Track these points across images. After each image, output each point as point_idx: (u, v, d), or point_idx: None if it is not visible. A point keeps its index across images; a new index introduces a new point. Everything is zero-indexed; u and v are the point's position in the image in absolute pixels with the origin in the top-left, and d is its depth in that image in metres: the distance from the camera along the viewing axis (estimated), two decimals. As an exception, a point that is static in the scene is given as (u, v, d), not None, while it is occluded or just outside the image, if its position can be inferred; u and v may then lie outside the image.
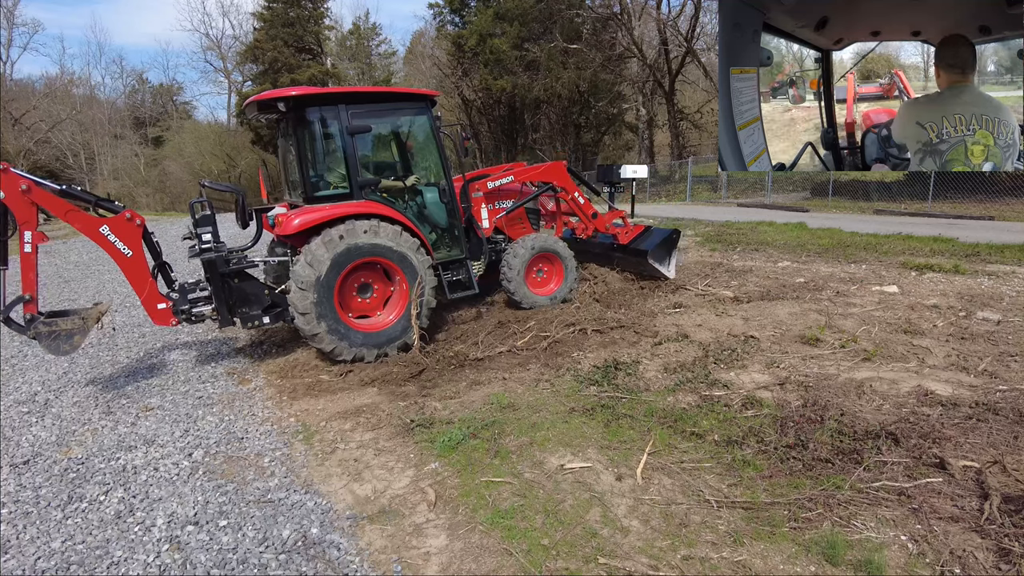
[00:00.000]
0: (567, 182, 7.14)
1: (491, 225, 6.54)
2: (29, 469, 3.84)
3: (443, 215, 6.21)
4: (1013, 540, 2.51)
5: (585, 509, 3.00)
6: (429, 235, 6.02)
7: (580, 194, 7.32)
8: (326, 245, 5.12)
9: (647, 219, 15.03)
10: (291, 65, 35.74)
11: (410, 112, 6.05)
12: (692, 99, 30.79)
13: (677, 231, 7.57)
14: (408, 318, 5.52)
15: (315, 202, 5.42)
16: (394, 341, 5.53)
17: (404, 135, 6.51)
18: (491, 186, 6.52)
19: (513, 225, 7.05)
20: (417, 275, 5.51)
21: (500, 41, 30.87)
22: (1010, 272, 7.10)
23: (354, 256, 5.24)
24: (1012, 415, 3.61)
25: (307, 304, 5.09)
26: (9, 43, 43.77)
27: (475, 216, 6.36)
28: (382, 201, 5.62)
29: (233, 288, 5.42)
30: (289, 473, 3.63)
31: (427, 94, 5.93)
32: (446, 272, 6.13)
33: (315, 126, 5.44)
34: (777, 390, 4.22)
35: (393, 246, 5.40)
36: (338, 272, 5.19)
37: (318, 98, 5.35)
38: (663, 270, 7.40)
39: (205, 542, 2.96)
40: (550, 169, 7.05)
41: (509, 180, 6.69)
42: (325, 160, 5.70)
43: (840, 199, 18.03)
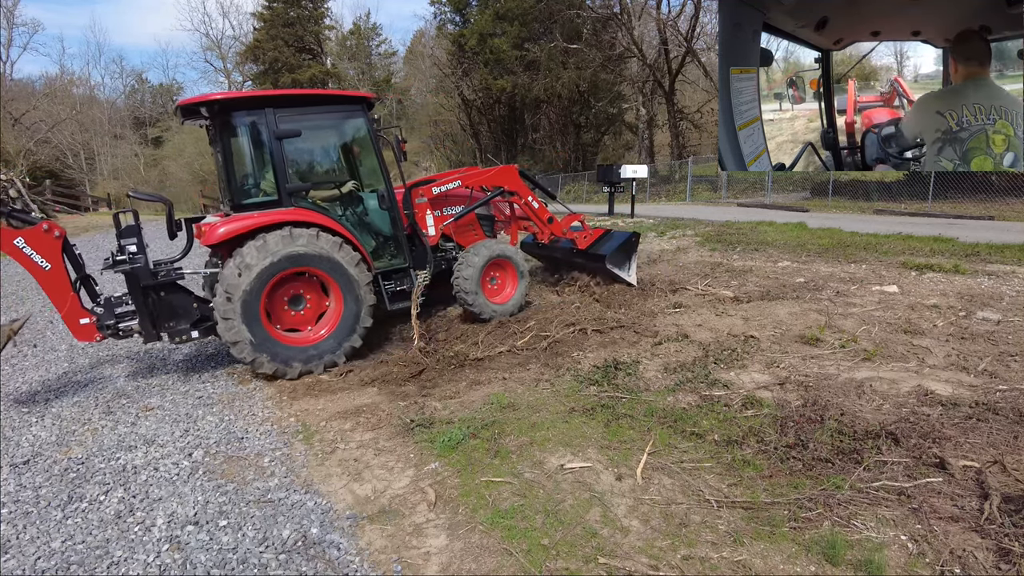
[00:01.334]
0: (519, 186, 6.84)
1: (437, 233, 6.24)
2: (29, 469, 3.84)
3: (384, 222, 5.95)
4: (1013, 540, 2.51)
5: (585, 509, 3.00)
6: (369, 243, 5.79)
7: (534, 198, 7.02)
8: (255, 252, 4.91)
9: (647, 219, 15.05)
10: (291, 65, 35.77)
11: (345, 115, 5.78)
12: (692, 99, 30.79)
13: (636, 234, 7.31)
14: (340, 335, 5.31)
15: (242, 210, 5.23)
16: (322, 357, 5.29)
17: (338, 139, 6.20)
18: (436, 192, 6.22)
19: (464, 232, 6.75)
20: (352, 286, 5.28)
21: (500, 41, 30.90)
22: (1010, 272, 7.10)
23: (284, 265, 5.01)
24: (1012, 415, 3.61)
25: (228, 310, 4.88)
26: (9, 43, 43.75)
27: (420, 223, 6.07)
28: (314, 208, 5.41)
29: (160, 301, 5.18)
30: (289, 473, 3.63)
31: (363, 96, 5.69)
32: (388, 282, 5.90)
33: (241, 131, 5.27)
34: (777, 390, 4.22)
35: (325, 255, 5.16)
36: (265, 280, 4.96)
37: (243, 102, 5.19)
38: (623, 275, 7.16)
39: (205, 542, 2.96)
40: (500, 173, 6.77)
41: (456, 185, 6.40)
42: (253, 166, 5.48)
43: (840, 199, 18.03)
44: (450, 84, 36.75)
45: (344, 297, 5.32)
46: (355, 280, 5.32)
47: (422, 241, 6.07)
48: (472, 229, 6.85)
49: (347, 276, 5.28)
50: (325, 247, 5.16)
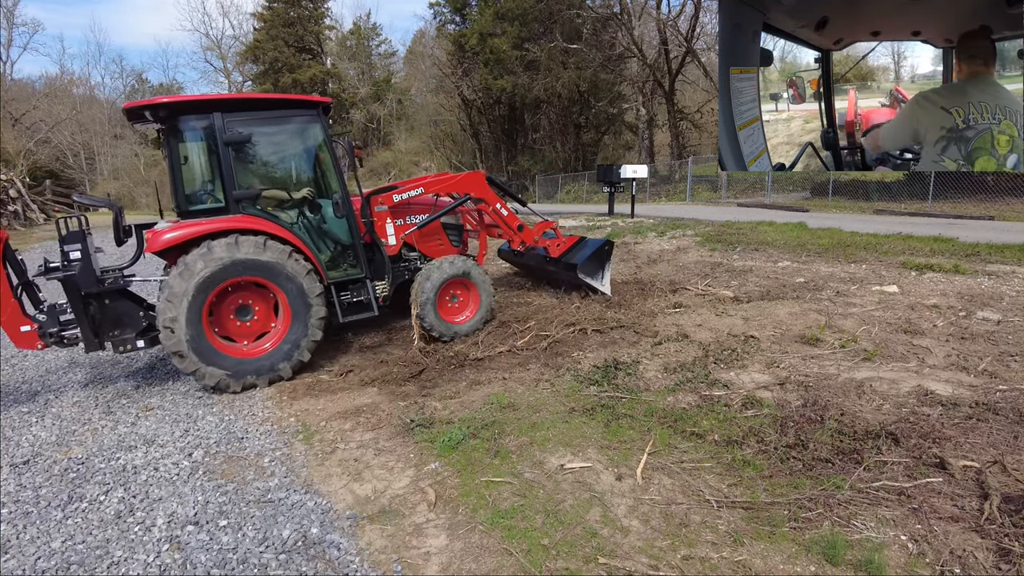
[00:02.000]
0: (486, 193, 6.60)
1: (398, 242, 6.05)
2: (29, 469, 3.84)
3: (339, 231, 5.72)
4: (1013, 540, 2.51)
5: (585, 509, 3.00)
6: (323, 253, 5.60)
7: (503, 205, 6.78)
8: (197, 260, 4.75)
9: (647, 219, 15.05)
10: (291, 65, 35.77)
11: (298, 121, 5.56)
12: (692, 99, 30.80)
13: (610, 242, 7.04)
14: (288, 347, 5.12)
15: (190, 216, 5.07)
16: (267, 370, 5.08)
17: (292, 145, 5.94)
18: (397, 199, 6.01)
19: (428, 241, 6.47)
20: (301, 296, 5.10)
21: (500, 41, 30.90)
22: (1010, 272, 7.10)
23: (227, 274, 4.84)
24: (1012, 415, 3.61)
25: (170, 320, 4.73)
26: (9, 43, 43.81)
27: (379, 232, 5.88)
28: (264, 216, 5.20)
29: (104, 309, 4.97)
30: (289, 473, 3.63)
31: (317, 101, 5.50)
32: (344, 292, 5.67)
33: (188, 136, 5.12)
34: (777, 390, 4.22)
35: (271, 264, 4.96)
36: (208, 289, 4.80)
37: (190, 106, 5.03)
38: (596, 285, 6.90)
39: (205, 542, 2.96)
40: (466, 179, 6.51)
41: (419, 192, 6.17)
42: (201, 172, 5.34)
43: (840, 199, 18.03)
44: (450, 84, 36.75)
45: (292, 308, 5.12)
46: (304, 290, 5.12)
47: (381, 251, 5.86)
48: (437, 238, 6.58)
49: (295, 286, 5.08)
50: (271, 256, 4.96)
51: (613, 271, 8.69)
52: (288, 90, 35.42)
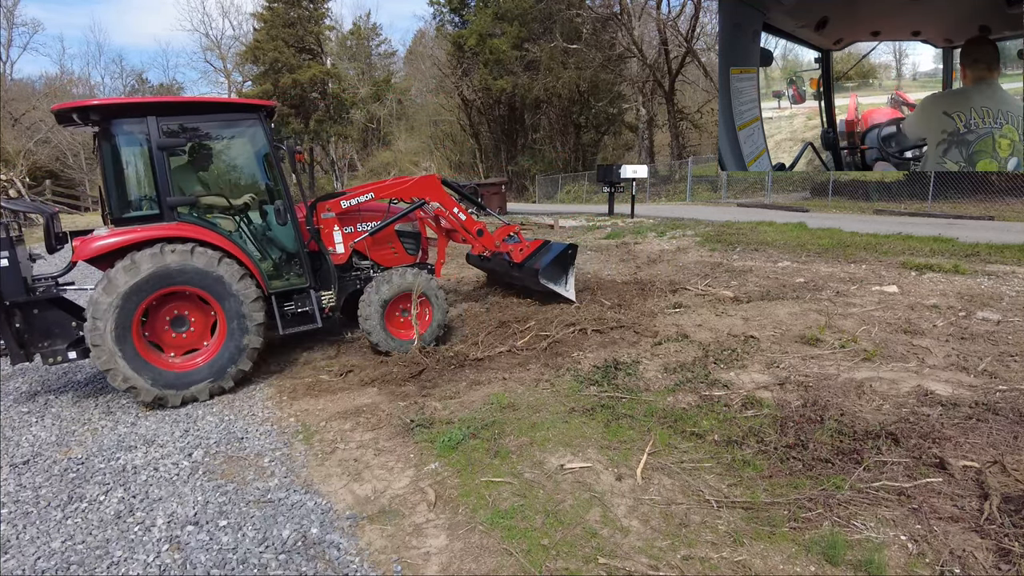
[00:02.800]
0: (442, 197, 6.34)
1: (347, 250, 5.83)
2: (29, 469, 3.84)
3: (282, 239, 5.52)
4: (1013, 540, 2.51)
5: (585, 509, 3.00)
6: (265, 262, 5.38)
7: (460, 209, 6.49)
8: (125, 271, 4.54)
9: (647, 219, 15.06)
10: (292, 65, 35.74)
11: (238, 125, 5.37)
12: (692, 99, 30.82)
13: (573, 246, 6.81)
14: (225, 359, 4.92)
15: (123, 224, 4.85)
16: (204, 382, 4.86)
17: (232, 150, 5.74)
18: (345, 205, 5.78)
19: (381, 249, 6.20)
20: (236, 306, 4.90)
21: (500, 41, 30.91)
22: (1010, 272, 7.10)
23: (156, 284, 4.62)
24: (1012, 415, 3.61)
25: (97, 335, 4.50)
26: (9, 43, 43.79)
27: (325, 240, 5.68)
28: (200, 223, 5.02)
29: (32, 319, 4.75)
30: (289, 473, 3.63)
31: (259, 104, 5.28)
32: (288, 303, 5.46)
33: (120, 140, 4.89)
34: (777, 390, 4.22)
35: (202, 272, 4.76)
36: (137, 300, 4.58)
37: (122, 109, 4.81)
38: (559, 290, 6.67)
39: (205, 542, 2.96)
40: (419, 184, 6.23)
41: (368, 198, 5.92)
42: (134, 178, 5.11)
43: (840, 199, 18.04)
44: (450, 84, 36.76)
45: (228, 318, 4.92)
46: (239, 299, 4.91)
47: (327, 260, 5.65)
48: (391, 246, 6.31)
49: (230, 295, 4.88)
50: (202, 263, 4.76)
51: (614, 271, 8.70)
52: (289, 90, 35.40)
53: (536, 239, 6.99)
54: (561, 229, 14.41)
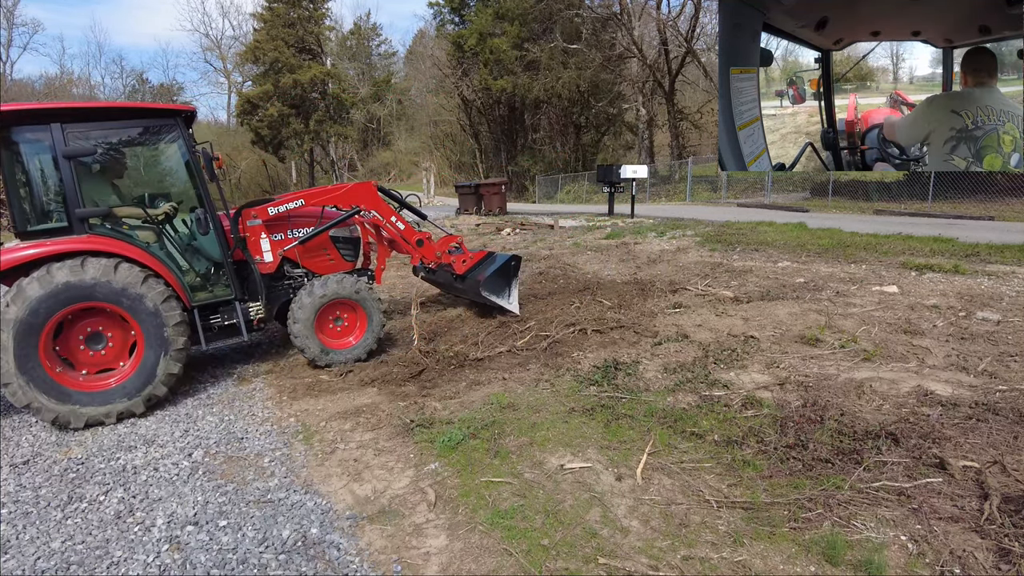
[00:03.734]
0: (378, 205, 6.07)
1: (275, 258, 5.55)
2: (29, 469, 3.84)
3: (204, 249, 5.28)
4: (1013, 540, 2.51)
5: (585, 509, 3.00)
6: (186, 274, 5.11)
7: (398, 218, 6.23)
8: (28, 287, 4.30)
9: (647, 219, 15.06)
10: (292, 66, 35.76)
11: (153, 131, 5.06)
12: (692, 99, 30.82)
13: (517, 257, 6.60)
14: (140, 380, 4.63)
15: (29, 237, 4.60)
16: (115, 404, 4.55)
17: (147, 158, 5.46)
18: (272, 212, 5.52)
19: (314, 257, 5.93)
20: (155, 325, 4.63)
21: (500, 41, 30.93)
22: (1010, 272, 7.10)
23: (64, 301, 4.37)
24: (1012, 415, 3.61)
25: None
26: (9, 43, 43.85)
27: (252, 249, 5.40)
28: (113, 235, 4.74)
29: None
30: (289, 473, 3.63)
31: (176, 109, 5.05)
32: (214, 315, 5.22)
33: (24, 148, 4.63)
34: (777, 390, 4.22)
35: (119, 287, 4.49)
36: (44, 317, 4.32)
37: (24, 115, 4.55)
38: (502, 303, 6.46)
39: (205, 542, 2.96)
40: (354, 190, 5.97)
41: (298, 204, 5.66)
42: (39, 188, 4.82)
43: (840, 199, 18.04)
44: (450, 84, 36.79)
45: (146, 337, 4.64)
46: (158, 317, 4.63)
47: (255, 269, 5.41)
48: (326, 253, 6.04)
49: (148, 313, 4.59)
50: (119, 280, 4.48)
51: (614, 271, 8.70)
52: (289, 90, 35.43)
53: (480, 250, 6.75)
54: (561, 229, 14.41)
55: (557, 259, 10.12)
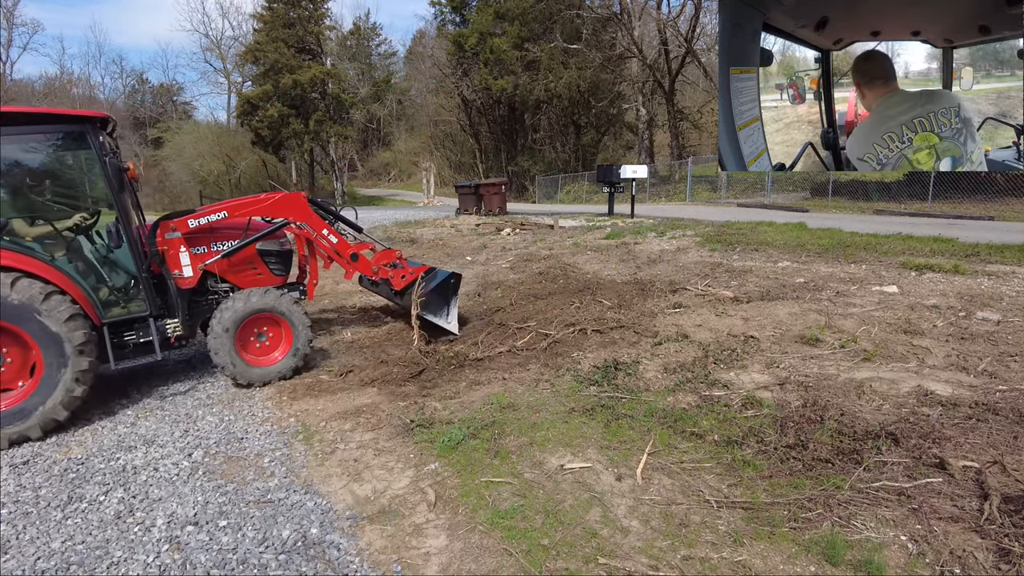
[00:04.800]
0: (308, 217, 5.79)
1: (195, 273, 5.26)
2: (29, 469, 3.84)
3: (117, 263, 4.97)
4: (1013, 540, 2.51)
5: (585, 509, 3.00)
6: (99, 289, 4.82)
7: (331, 231, 5.94)
8: None
9: (647, 219, 15.05)
10: (292, 66, 35.74)
11: (60, 138, 4.79)
12: (692, 99, 30.84)
13: (456, 275, 6.30)
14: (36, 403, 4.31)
15: None
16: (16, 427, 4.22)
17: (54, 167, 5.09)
18: (193, 224, 5.23)
19: (241, 271, 5.64)
20: (56, 345, 4.33)
21: (501, 41, 30.95)
22: (1010, 272, 7.10)
23: None
24: (1012, 415, 3.60)
25: None
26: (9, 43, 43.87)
27: (170, 262, 5.14)
28: (15, 248, 4.42)
29: None
30: (289, 473, 3.63)
31: (86, 116, 4.74)
32: (129, 332, 4.92)
33: None
34: (777, 390, 4.22)
35: (16, 304, 4.19)
36: None
37: None
38: (439, 322, 6.24)
39: (205, 542, 2.96)
40: (282, 202, 5.67)
41: (221, 216, 5.36)
42: None
43: (840, 199, 18.04)
44: (450, 84, 36.80)
45: (46, 357, 4.31)
46: (60, 336, 4.32)
47: (172, 284, 5.16)
48: (253, 267, 5.74)
49: (48, 332, 4.28)
50: (16, 296, 4.19)
51: (614, 271, 8.70)
52: (289, 91, 35.39)
53: (421, 265, 6.46)
54: (561, 229, 14.41)
55: (557, 259, 10.11)
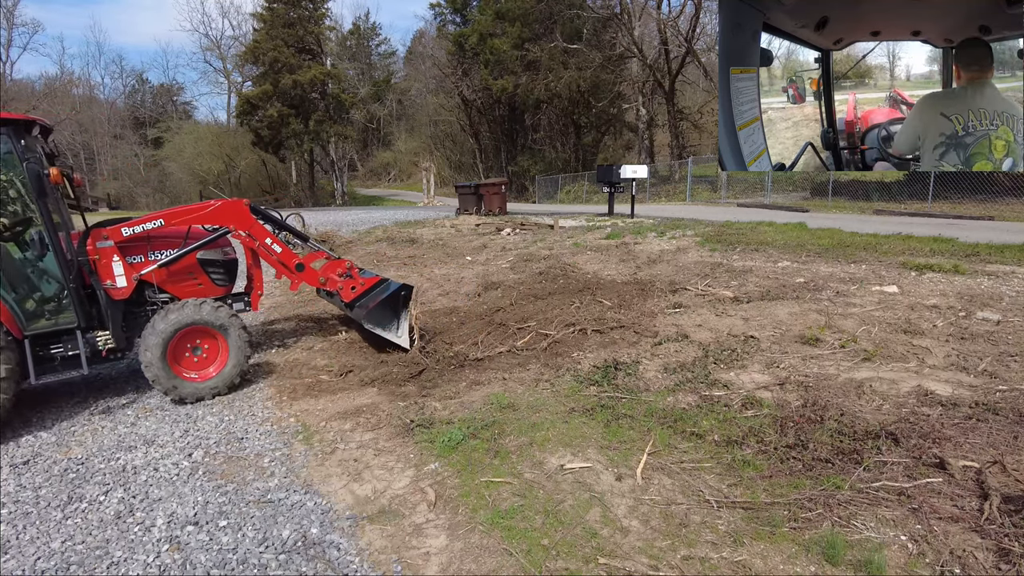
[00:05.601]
0: (251, 225, 5.52)
1: (129, 283, 4.99)
2: (29, 469, 3.84)
3: (43, 272, 4.80)
4: (1013, 540, 2.51)
5: (585, 509, 3.00)
6: (23, 300, 4.65)
7: (274, 240, 5.64)
8: None
9: (647, 219, 15.05)
10: (292, 66, 35.76)
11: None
12: (692, 99, 30.86)
13: (407, 287, 5.96)
14: None
15: None
16: None
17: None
18: (127, 233, 4.98)
19: (180, 281, 5.38)
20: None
21: (501, 41, 30.97)
22: (1010, 272, 7.10)
23: None
24: (1012, 415, 3.61)
25: None
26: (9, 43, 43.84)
27: (102, 272, 4.88)
28: None
29: None
30: (289, 473, 3.63)
31: (8, 119, 4.52)
32: (56, 344, 4.70)
33: None
34: (777, 390, 4.22)
35: None
36: None
37: None
38: (389, 336, 5.87)
39: (205, 542, 2.96)
40: (222, 210, 5.42)
41: (157, 225, 5.13)
42: None
43: (840, 199, 18.04)
44: (450, 84, 36.83)
45: None
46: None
47: (104, 295, 4.89)
48: (193, 278, 5.47)
49: None
50: None
51: (614, 271, 8.70)
52: (289, 91, 35.41)
53: (373, 275, 6.10)
54: (561, 229, 14.40)
55: (557, 259, 10.11)
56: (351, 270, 5.96)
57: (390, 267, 10.69)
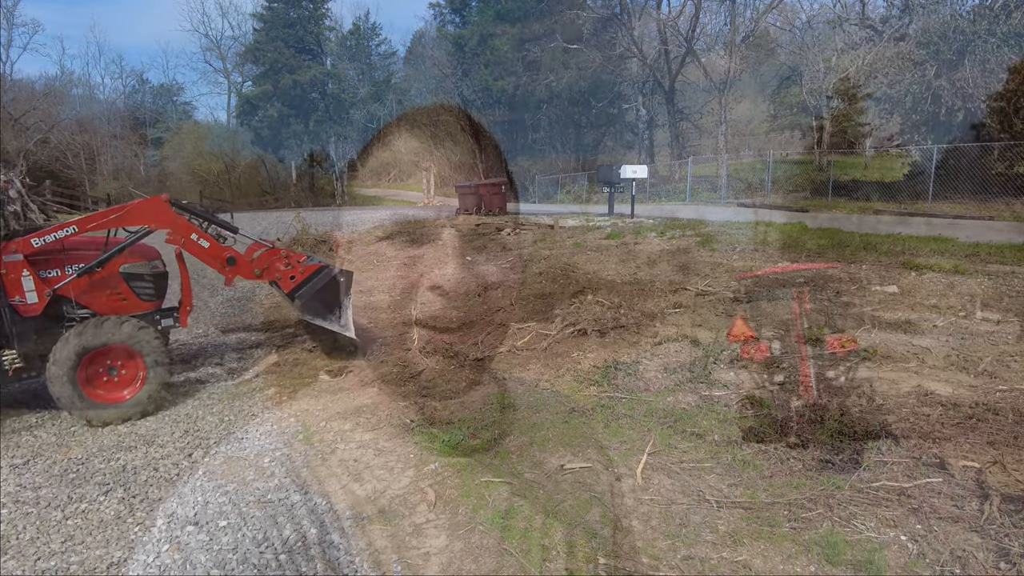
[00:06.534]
0: (173, 222, 5.11)
1: (41, 299, 4.68)
2: (29, 469, 3.84)
3: None
4: (1013, 540, 2.51)
5: (585, 509, 3.00)
6: None
7: (201, 235, 5.24)
8: None
9: (647, 219, 15.05)
10: (291, 66, 35.76)
11: None
12: (692, 99, 30.84)
13: (347, 272, 5.61)
14: None
15: None
16: None
17: None
18: (37, 244, 4.64)
19: (99, 294, 4.95)
20: None
21: (501, 41, 30.97)
22: (1010, 272, 7.09)
23: None
24: (1012, 415, 3.60)
25: None
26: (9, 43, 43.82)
27: (11, 287, 4.61)
28: None
29: None
30: (289, 473, 3.62)
31: None
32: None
33: None
34: (777, 390, 4.22)
35: None
36: None
37: None
38: (328, 325, 5.50)
39: (205, 542, 2.95)
40: (138, 208, 5.04)
41: (69, 232, 4.76)
42: None
43: (840, 199, 18.03)
44: (450, 84, 36.84)
45: None
46: None
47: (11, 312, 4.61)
48: (114, 290, 5.03)
49: None
50: None
51: (614, 271, 8.70)
52: (288, 91, 35.40)
53: (314, 263, 5.68)
54: (561, 229, 14.40)
55: (557, 259, 10.11)
56: (288, 258, 5.58)
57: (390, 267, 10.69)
